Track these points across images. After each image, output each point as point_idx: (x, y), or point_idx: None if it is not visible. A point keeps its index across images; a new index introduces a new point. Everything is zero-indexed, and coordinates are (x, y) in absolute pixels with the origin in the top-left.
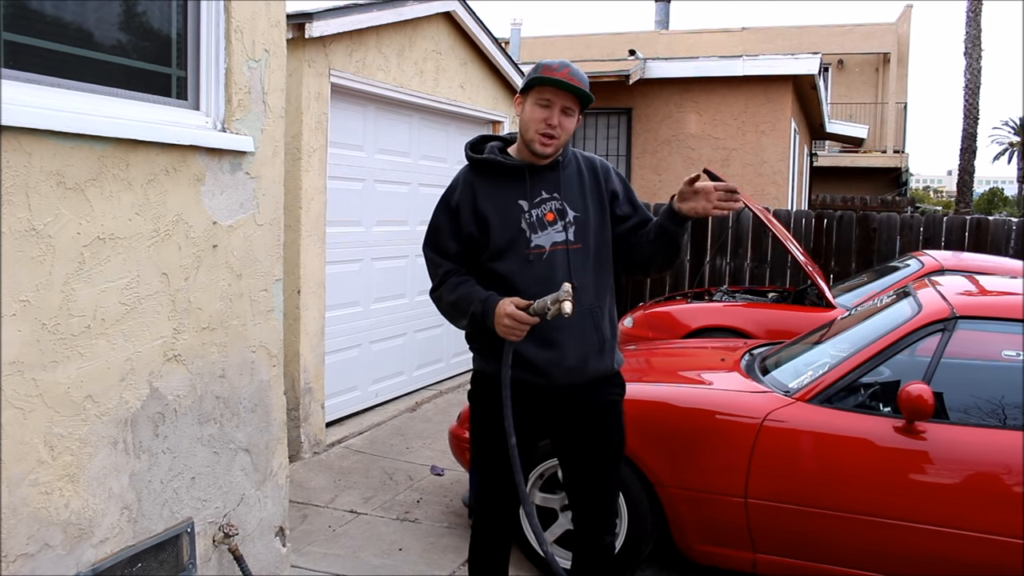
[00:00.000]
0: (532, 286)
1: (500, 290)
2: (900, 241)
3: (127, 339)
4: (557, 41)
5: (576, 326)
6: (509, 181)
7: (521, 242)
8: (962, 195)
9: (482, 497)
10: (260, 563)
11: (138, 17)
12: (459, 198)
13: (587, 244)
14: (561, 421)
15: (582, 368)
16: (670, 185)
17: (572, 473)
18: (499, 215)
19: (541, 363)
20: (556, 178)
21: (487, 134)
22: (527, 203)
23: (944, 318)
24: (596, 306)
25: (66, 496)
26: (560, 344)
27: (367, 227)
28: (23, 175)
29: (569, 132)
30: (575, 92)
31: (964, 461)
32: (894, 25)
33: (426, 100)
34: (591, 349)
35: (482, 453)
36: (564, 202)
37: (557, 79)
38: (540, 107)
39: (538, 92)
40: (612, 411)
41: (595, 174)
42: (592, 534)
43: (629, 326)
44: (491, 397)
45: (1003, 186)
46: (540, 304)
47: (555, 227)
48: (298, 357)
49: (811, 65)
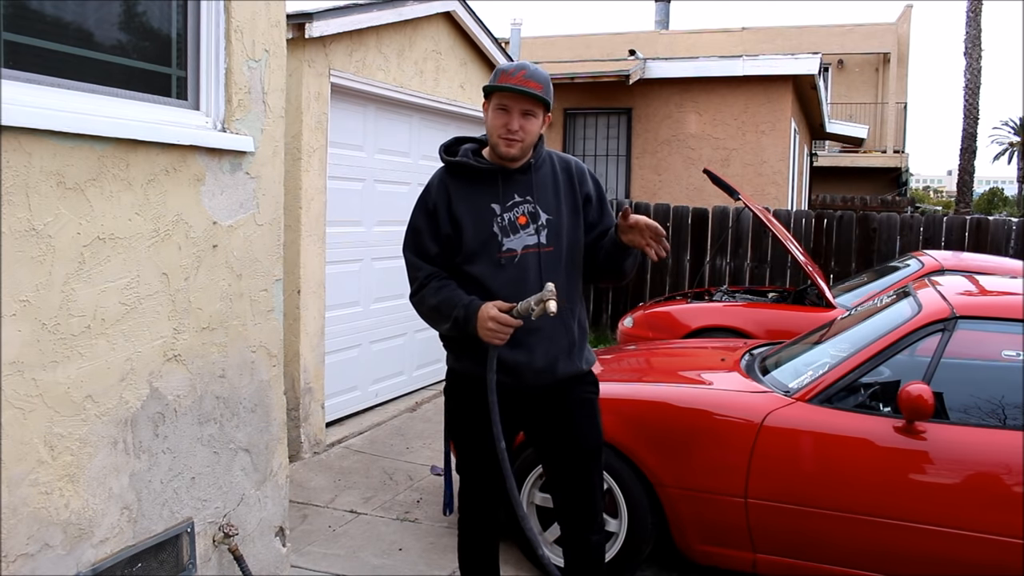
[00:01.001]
0: (504, 288)
1: (474, 292)
2: (900, 241)
3: (127, 339)
4: (557, 41)
5: (547, 328)
6: (482, 184)
7: (493, 245)
8: (962, 195)
9: (464, 496)
10: (260, 563)
11: (138, 17)
12: (435, 199)
13: (559, 247)
14: (535, 421)
15: (551, 370)
16: (670, 185)
17: (551, 473)
18: (472, 218)
19: (511, 363)
20: (529, 181)
21: (462, 135)
22: (499, 206)
23: (944, 318)
24: (567, 308)
25: (66, 496)
26: (529, 346)
27: (367, 227)
28: (23, 175)
29: (532, 133)
30: (531, 96)
31: (964, 461)
32: (894, 25)
33: (426, 100)
34: (560, 351)
35: (462, 452)
36: (537, 205)
37: (509, 86)
38: (499, 112)
39: (497, 98)
40: (584, 409)
41: (570, 176)
42: (577, 534)
43: (629, 326)
44: (467, 395)
45: (1003, 186)
46: (524, 305)
47: (527, 230)
48: (298, 357)
49: (811, 65)
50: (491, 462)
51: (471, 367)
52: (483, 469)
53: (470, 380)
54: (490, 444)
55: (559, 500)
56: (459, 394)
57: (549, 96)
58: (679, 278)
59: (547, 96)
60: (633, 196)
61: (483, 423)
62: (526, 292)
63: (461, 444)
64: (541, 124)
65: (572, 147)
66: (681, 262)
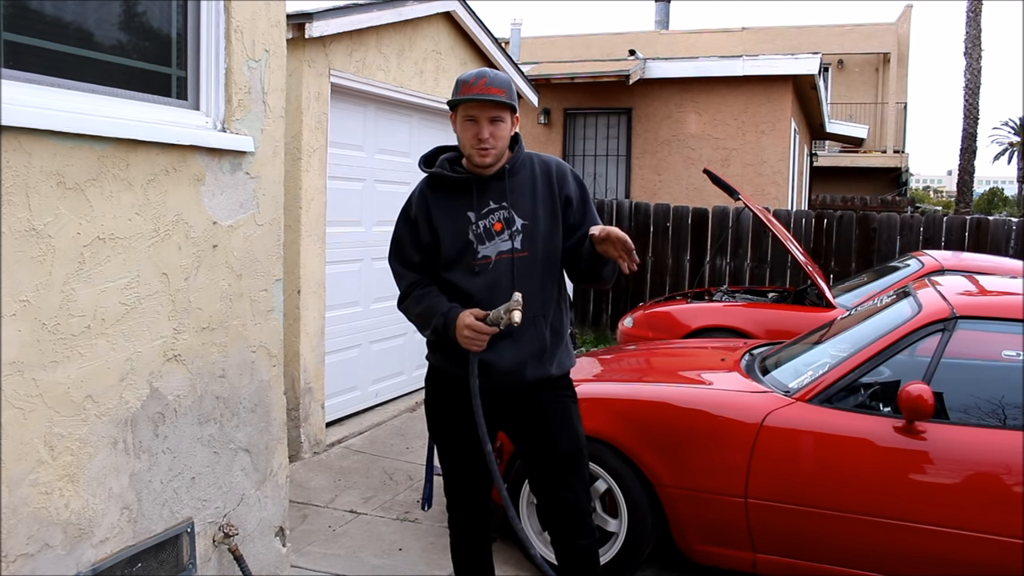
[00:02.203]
0: (479, 294)
1: (454, 299)
2: (900, 241)
3: (127, 339)
4: (557, 41)
5: (517, 333)
6: (458, 193)
7: (469, 253)
8: (962, 195)
9: (448, 493)
10: (260, 563)
11: (138, 17)
12: (416, 210)
13: (534, 252)
14: (511, 424)
15: (518, 373)
16: (670, 185)
17: (531, 477)
18: (449, 227)
19: (481, 362)
20: (503, 187)
21: (443, 145)
22: (475, 214)
23: (944, 318)
24: (540, 314)
25: (66, 496)
26: (498, 349)
27: (367, 227)
28: (23, 175)
29: (503, 138)
30: (496, 103)
31: (964, 461)
32: (894, 25)
33: (426, 100)
34: (530, 355)
35: (440, 447)
36: (512, 210)
37: (473, 96)
38: (468, 124)
39: (463, 110)
40: (557, 412)
41: (549, 179)
42: (564, 538)
43: (629, 326)
44: (440, 391)
45: (1003, 186)
46: (495, 314)
47: (502, 236)
48: (298, 357)
49: (811, 65)
50: (469, 459)
51: (444, 363)
52: (461, 465)
53: (443, 376)
54: (467, 441)
55: (542, 504)
56: (434, 389)
57: (513, 99)
58: (679, 278)
59: (511, 100)
60: (633, 196)
61: (458, 420)
62: (500, 297)
63: (438, 439)
64: (510, 127)
65: (572, 147)
66: (681, 262)
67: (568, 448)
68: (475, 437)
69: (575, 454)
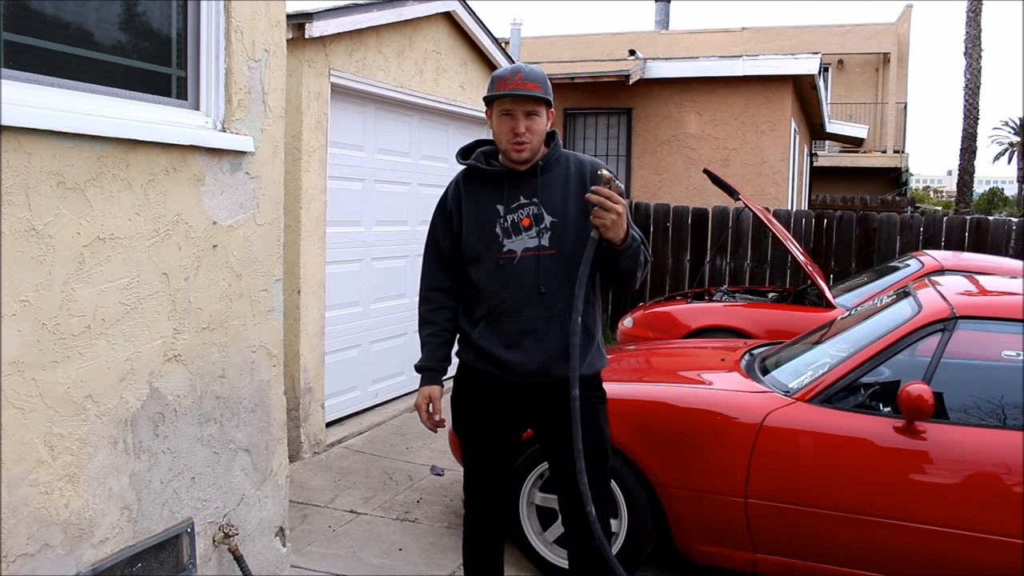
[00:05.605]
0: (501, 291)
1: (472, 294)
2: (900, 241)
3: (127, 339)
4: (557, 41)
5: (542, 331)
6: (490, 186)
7: (495, 247)
8: (962, 195)
9: (470, 491)
10: (260, 563)
11: (138, 17)
12: (451, 200)
13: (562, 249)
14: (538, 421)
15: (544, 372)
16: (670, 185)
17: (554, 475)
18: (478, 219)
19: (506, 361)
20: (535, 183)
21: (482, 139)
22: (503, 207)
23: (944, 318)
24: (567, 312)
25: (66, 496)
26: (524, 348)
27: (367, 227)
28: (23, 175)
29: (540, 133)
30: (532, 97)
31: (964, 461)
32: (894, 25)
33: (426, 100)
34: (556, 355)
35: (466, 448)
36: (542, 207)
37: (509, 91)
38: (504, 119)
39: (499, 105)
40: (585, 412)
41: (583, 178)
42: (576, 539)
43: (629, 326)
44: (467, 386)
45: (1003, 186)
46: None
47: (529, 232)
48: (298, 357)
49: (811, 65)
50: (494, 457)
51: (475, 360)
52: (484, 463)
53: (473, 373)
54: (493, 439)
55: (562, 502)
56: (462, 385)
57: (549, 93)
58: (679, 278)
59: (547, 94)
60: (633, 196)
61: (485, 417)
62: (524, 295)
63: (463, 435)
64: (546, 121)
65: (572, 147)
66: (681, 262)
67: (595, 452)
68: (501, 435)
69: (600, 455)
